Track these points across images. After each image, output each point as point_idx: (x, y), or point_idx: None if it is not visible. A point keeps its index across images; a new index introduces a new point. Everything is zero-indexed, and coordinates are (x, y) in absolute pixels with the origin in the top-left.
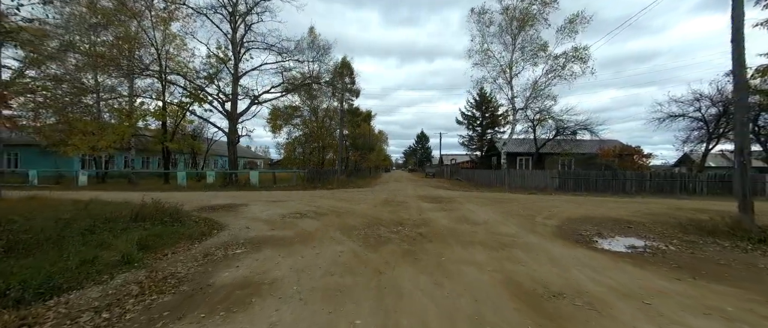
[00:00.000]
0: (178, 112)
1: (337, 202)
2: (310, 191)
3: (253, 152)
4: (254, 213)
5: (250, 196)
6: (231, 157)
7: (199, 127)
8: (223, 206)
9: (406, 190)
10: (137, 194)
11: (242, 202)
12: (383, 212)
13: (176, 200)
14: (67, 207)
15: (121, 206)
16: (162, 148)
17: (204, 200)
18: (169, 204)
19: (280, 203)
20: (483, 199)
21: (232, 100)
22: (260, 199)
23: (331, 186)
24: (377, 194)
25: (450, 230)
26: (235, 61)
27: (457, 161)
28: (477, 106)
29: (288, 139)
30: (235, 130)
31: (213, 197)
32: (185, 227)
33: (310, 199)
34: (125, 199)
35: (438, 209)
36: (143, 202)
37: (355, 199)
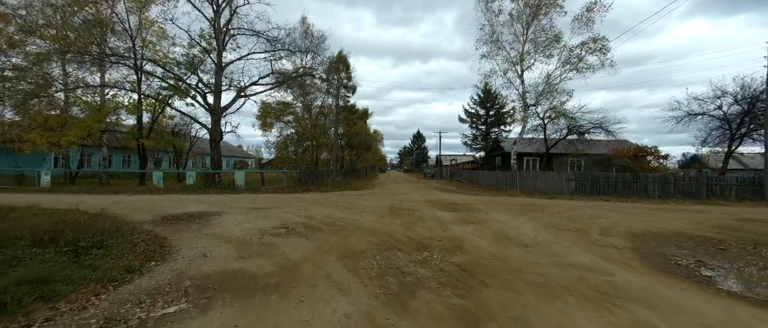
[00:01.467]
0: (156, 106)
1: (333, 210)
2: (302, 194)
3: (244, 152)
4: (226, 227)
5: (231, 201)
6: (213, 157)
7: (182, 124)
8: (191, 215)
9: (411, 193)
10: (96, 198)
11: (218, 209)
12: (395, 226)
13: (137, 205)
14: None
15: (52, 217)
16: (137, 146)
17: (172, 206)
18: (113, 214)
19: (264, 212)
20: (503, 205)
21: (215, 92)
22: (241, 205)
23: (325, 188)
24: (379, 199)
25: (498, 257)
26: (219, 50)
27: (458, 162)
28: (481, 103)
29: (279, 137)
30: (218, 125)
31: (185, 201)
32: (109, 258)
33: (301, 205)
34: (75, 204)
35: (462, 221)
36: (62, 219)
37: (354, 205)
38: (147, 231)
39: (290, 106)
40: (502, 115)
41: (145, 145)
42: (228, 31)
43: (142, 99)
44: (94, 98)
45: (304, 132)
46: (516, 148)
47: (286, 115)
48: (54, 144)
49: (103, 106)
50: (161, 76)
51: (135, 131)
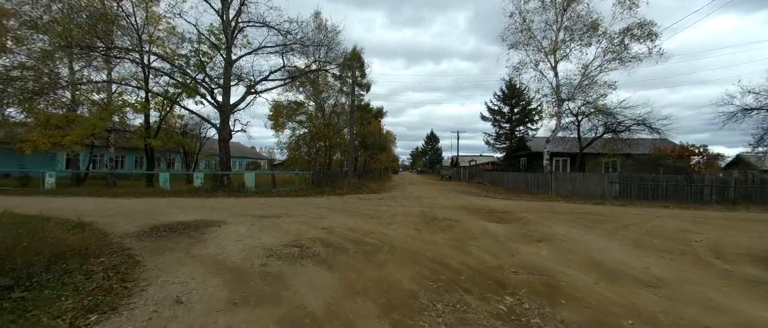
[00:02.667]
0: (164, 104)
1: (356, 219)
2: (316, 198)
3: (256, 153)
4: (224, 244)
5: (238, 205)
6: (222, 157)
7: (192, 123)
8: (186, 225)
9: (436, 197)
10: (93, 201)
11: (220, 217)
12: (442, 246)
13: (130, 211)
14: None
15: (8, 230)
16: (145, 146)
17: (168, 213)
18: (94, 223)
19: (273, 221)
20: (555, 214)
21: (223, 89)
22: (248, 211)
23: (340, 191)
24: (404, 204)
25: (632, 311)
26: (228, 44)
27: (477, 163)
28: (505, 99)
29: (292, 137)
30: (226, 124)
31: (186, 206)
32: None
33: (316, 212)
34: (64, 209)
35: (523, 238)
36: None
37: (379, 213)
38: (121, 250)
39: (303, 106)
40: (528, 112)
41: (153, 146)
42: (237, 25)
43: (149, 98)
44: (101, 97)
45: (317, 132)
46: (549, 147)
47: (299, 114)
48: (56, 144)
49: (110, 104)
50: (169, 73)
51: (142, 131)
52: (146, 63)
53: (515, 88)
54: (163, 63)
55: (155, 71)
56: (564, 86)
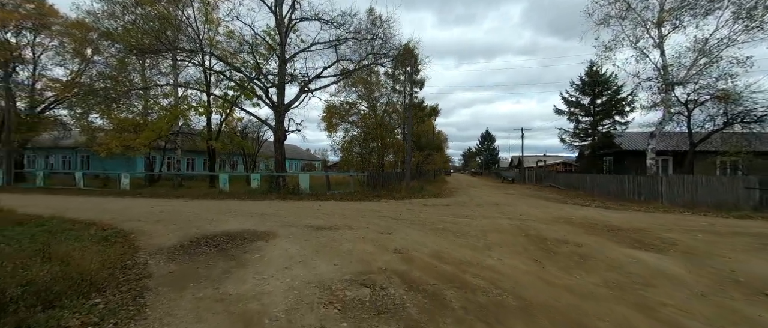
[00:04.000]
0: (224, 106)
1: (433, 236)
2: (375, 203)
3: (310, 154)
4: (265, 280)
5: (291, 211)
6: (277, 158)
7: (251, 126)
8: (229, 237)
9: (515, 204)
10: (149, 203)
11: (269, 227)
12: (605, 299)
13: (177, 216)
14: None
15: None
16: (207, 148)
17: (216, 219)
18: (132, 233)
19: (330, 235)
20: (719, 236)
21: (278, 88)
22: (301, 219)
23: (399, 194)
24: (483, 213)
25: None
26: (282, 42)
27: (546, 163)
28: (585, 88)
29: (345, 138)
30: (281, 124)
31: (237, 211)
32: None
33: (381, 223)
34: (124, 212)
35: (738, 288)
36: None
37: (459, 226)
38: (137, 279)
39: (355, 106)
40: (617, 102)
41: (215, 148)
42: (291, 21)
43: (210, 101)
44: (168, 101)
45: (369, 132)
46: (653, 143)
47: (351, 115)
48: (127, 147)
49: (176, 107)
50: (228, 75)
51: (204, 134)
52: (208, 66)
53: (598, 76)
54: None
55: (216, 73)
56: (673, 66)
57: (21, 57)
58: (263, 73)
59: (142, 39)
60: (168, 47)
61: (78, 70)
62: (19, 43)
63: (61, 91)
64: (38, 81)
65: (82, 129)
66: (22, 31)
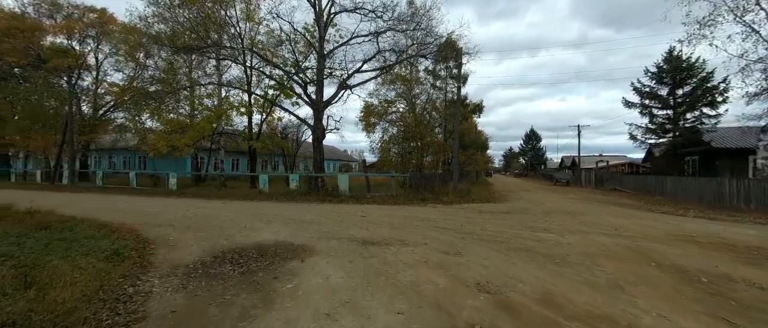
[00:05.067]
0: (264, 106)
1: (520, 261)
2: (421, 208)
3: (347, 155)
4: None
5: (331, 217)
6: (316, 157)
7: (290, 126)
8: (261, 252)
9: (597, 213)
10: (189, 203)
11: (307, 240)
12: None
13: (210, 221)
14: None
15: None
16: (248, 148)
17: (249, 226)
18: (155, 242)
19: (381, 256)
20: None
21: (317, 85)
22: (343, 229)
23: (446, 198)
24: (566, 225)
25: None
26: (321, 36)
27: (609, 164)
28: (661, 77)
29: (383, 137)
30: (320, 122)
31: (273, 216)
32: None
33: (440, 236)
34: (158, 214)
35: None
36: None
37: (551, 248)
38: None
39: (393, 104)
40: (705, 91)
41: (255, 148)
42: (330, 15)
43: (251, 101)
44: (212, 101)
45: (408, 131)
46: (766, 140)
47: (389, 114)
48: (174, 147)
49: (219, 107)
50: (268, 72)
51: (245, 134)
52: (249, 65)
53: (680, 61)
54: (263, 64)
55: (257, 72)
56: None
57: (86, 64)
58: (302, 69)
59: (188, 39)
60: (212, 45)
61: (133, 74)
62: (84, 50)
63: (119, 94)
64: (100, 86)
65: (135, 131)
66: (86, 39)
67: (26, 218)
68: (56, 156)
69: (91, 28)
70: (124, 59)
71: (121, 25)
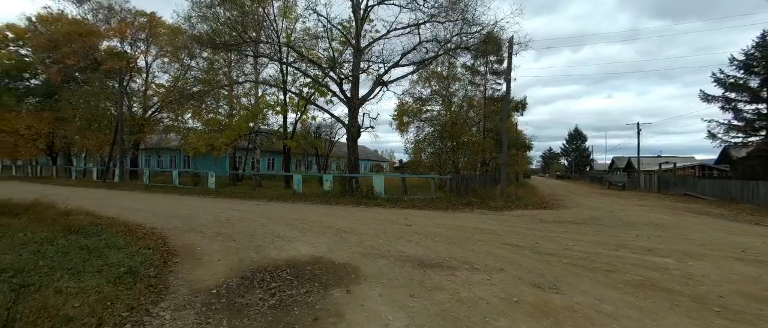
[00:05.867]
0: (299, 105)
1: (664, 311)
2: (468, 214)
3: (378, 155)
4: None
5: (372, 226)
6: (350, 157)
7: (324, 125)
8: (296, 273)
9: (692, 227)
10: (222, 204)
11: (350, 257)
12: None
13: (242, 226)
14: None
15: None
16: (282, 147)
17: (282, 236)
18: (179, 253)
19: (447, 283)
20: None
21: (353, 78)
22: (391, 246)
23: (494, 203)
24: (672, 244)
25: None
26: (357, 29)
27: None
28: (750, 67)
29: (417, 136)
30: (355, 120)
31: (310, 225)
32: None
33: (516, 258)
34: (189, 218)
35: None
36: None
37: (694, 287)
38: None
39: (428, 102)
40: None
41: (290, 147)
42: (367, 7)
43: (287, 100)
44: (249, 100)
45: (444, 130)
46: None
47: (423, 112)
48: (212, 147)
49: (255, 106)
50: (303, 69)
51: (280, 133)
52: (284, 61)
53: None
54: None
55: (293, 69)
56: None
57: (136, 66)
58: (339, 62)
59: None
60: (250, 41)
61: (177, 75)
62: (135, 52)
63: (165, 95)
64: (149, 88)
65: (177, 130)
66: (137, 42)
67: (59, 220)
68: (109, 155)
69: (141, 32)
70: (169, 61)
71: (168, 27)
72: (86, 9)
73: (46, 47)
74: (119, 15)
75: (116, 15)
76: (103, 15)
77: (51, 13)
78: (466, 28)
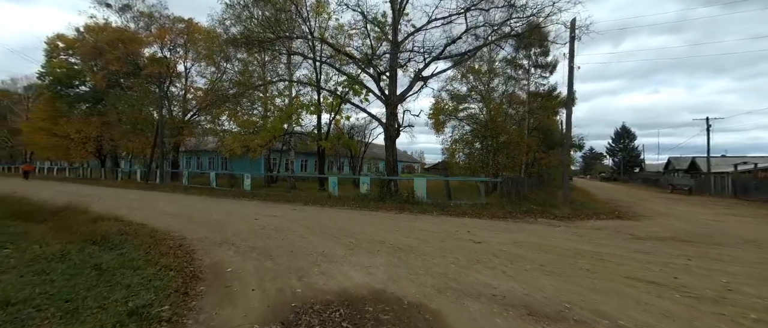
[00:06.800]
0: (333, 103)
1: None
2: (533, 225)
3: (409, 156)
4: None
5: (433, 243)
6: (389, 159)
7: (358, 126)
8: (357, 316)
9: None
10: (257, 210)
11: (420, 292)
12: None
13: (278, 242)
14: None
15: None
16: (317, 148)
17: (328, 256)
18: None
19: None
20: None
21: (390, 74)
22: (473, 277)
23: (558, 211)
24: None
25: None
26: (395, 21)
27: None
28: None
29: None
30: (394, 117)
31: (357, 239)
32: None
33: (669, 307)
34: (221, 224)
35: None
36: None
37: None
38: None
39: (465, 100)
40: None
41: (324, 148)
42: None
43: (320, 100)
44: (283, 101)
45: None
46: None
47: (460, 110)
48: (247, 148)
49: (290, 106)
50: (339, 68)
51: (314, 134)
52: (318, 58)
53: None
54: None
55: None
56: None
57: (176, 72)
58: (377, 55)
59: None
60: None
61: (214, 78)
62: (174, 57)
63: (202, 99)
64: (188, 92)
65: (214, 133)
66: (176, 48)
67: (83, 228)
68: (150, 157)
69: (179, 37)
70: (206, 65)
71: (204, 32)
72: (128, 17)
73: (92, 55)
74: (158, 22)
75: (156, 22)
76: (144, 22)
77: (97, 23)
78: (514, 13)
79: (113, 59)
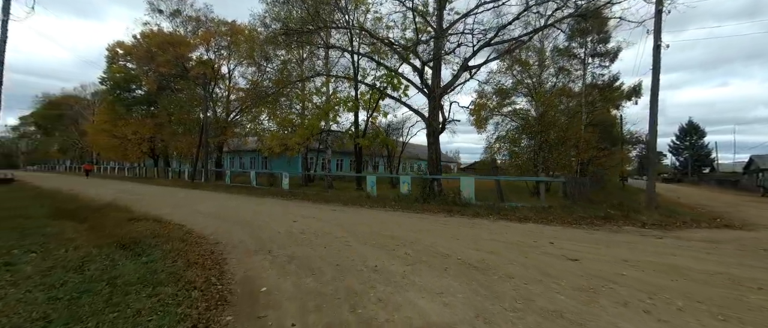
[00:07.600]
0: (371, 99)
1: None
2: (628, 236)
3: (445, 155)
4: None
5: (507, 255)
6: (432, 156)
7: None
8: None
9: None
10: (295, 211)
11: None
12: None
13: (328, 247)
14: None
15: None
16: (354, 147)
17: (381, 272)
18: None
19: None
20: None
21: (433, 68)
22: (596, 323)
23: (644, 217)
24: None
25: None
26: (439, 7)
27: None
28: None
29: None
30: (438, 110)
31: (408, 244)
32: None
33: None
34: (252, 228)
35: None
36: None
37: None
38: None
39: (510, 94)
40: None
41: (361, 146)
42: None
43: (358, 96)
44: (321, 100)
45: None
46: None
47: (504, 105)
48: (285, 147)
49: (327, 103)
50: (378, 60)
51: (351, 132)
52: (357, 52)
53: None
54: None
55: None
56: None
57: (220, 73)
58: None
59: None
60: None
61: (255, 78)
62: (219, 59)
63: (244, 99)
64: (232, 93)
65: (254, 132)
66: (221, 50)
67: (117, 230)
68: (195, 157)
69: (223, 39)
70: (247, 64)
71: (246, 32)
72: (178, 22)
73: (145, 59)
74: (204, 25)
75: (202, 25)
76: (192, 26)
77: (151, 30)
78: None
79: (163, 62)
